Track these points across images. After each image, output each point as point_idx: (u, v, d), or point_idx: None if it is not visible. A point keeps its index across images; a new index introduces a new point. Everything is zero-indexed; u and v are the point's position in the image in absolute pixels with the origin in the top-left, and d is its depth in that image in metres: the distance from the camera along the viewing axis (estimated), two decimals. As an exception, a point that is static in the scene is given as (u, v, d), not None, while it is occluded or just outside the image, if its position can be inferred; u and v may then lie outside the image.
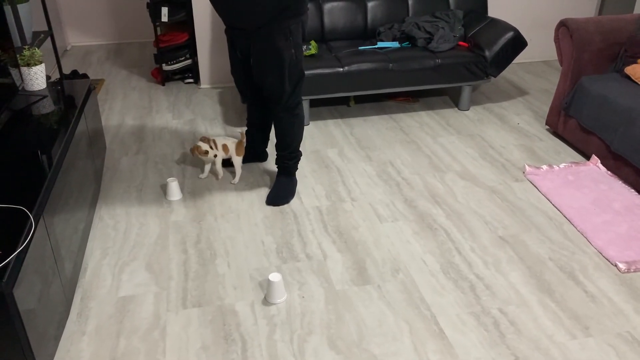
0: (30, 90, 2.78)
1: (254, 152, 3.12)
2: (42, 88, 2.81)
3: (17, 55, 2.72)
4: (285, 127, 2.72)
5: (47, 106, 2.64)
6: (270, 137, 3.17)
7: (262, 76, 2.60)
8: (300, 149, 3.32)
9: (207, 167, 2.98)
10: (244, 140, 2.98)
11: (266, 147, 3.16)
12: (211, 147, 2.85)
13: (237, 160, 2.94)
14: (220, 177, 2.98)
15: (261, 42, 2.49)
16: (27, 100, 2.68)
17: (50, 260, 1.89)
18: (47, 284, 1.84)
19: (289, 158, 2.81)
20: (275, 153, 2.84)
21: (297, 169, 2.89)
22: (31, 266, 1.70)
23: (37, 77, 2.75)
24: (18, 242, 1.68)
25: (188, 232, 2.57)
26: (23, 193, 1.92)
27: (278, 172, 2.87)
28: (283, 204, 2.78)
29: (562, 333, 2.01)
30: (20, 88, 2.79)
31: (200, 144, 2.84)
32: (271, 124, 3.04)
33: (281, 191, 2.82)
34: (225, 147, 2.91)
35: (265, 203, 2.78)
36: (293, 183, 2.87)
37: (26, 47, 2.76)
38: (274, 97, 2.63)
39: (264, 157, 3.17)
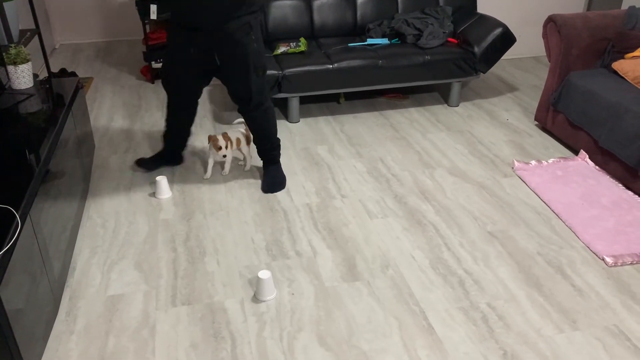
0: (17, 89, 2.76)
1: (169, 155, 3.05)
2: (29, 86, 2.79)
3: (3, 54, 2.70)
4: (260, 124, 2.77)
5: (34, 105, 2.62)
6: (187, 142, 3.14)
7: (231, 74, 2.62)
8: (291, 146, 3.32)
9: (210, 167, 2.98)
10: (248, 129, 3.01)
11: (183, 151, 3.10)
12: (227, 147, 2.85)
13: (247, 149, 3.00)
14: (226, 173, 3.03)
15: (226, 41, 2.51)
16: (14, 98, 2.66)
17: (38, 260, 1.88)
18: (35, 283, 1.83)
19: (272, 149, 2.87)
20: (257, 148, 2.89)
21: (281, 154, 2.98)
22: (18, 266, 1.69)
23: (23, 76, 2.73)
24: (4, 241, 1.67)
25: (177, 230, 2.57)
26: (9, 192, 1.90)
27: (265, 164, 2.92)
28: (280, 189, 2.85)
29: (550, 327, 2.02)
30: (6, 87, 2.77)
31: (220, 138, 2.85)
32: (190, 130, 3.03)
33: (276, 178, 2.88)
34: (238, 141, 2.95)
35: (262, 191, 2.84)
36: (281, 169, 2.95)
37: (12, 45, 2.74)
38: (245, 96, 2.66)
39: (178, 160, 3.10)
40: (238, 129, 3.02)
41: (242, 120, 3.01)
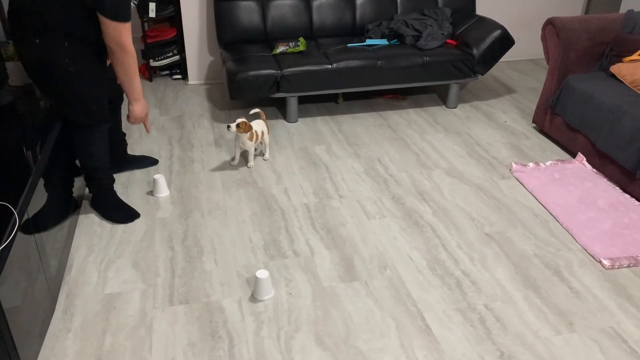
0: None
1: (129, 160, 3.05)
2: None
3: (2, 50, 2.69)
4: None
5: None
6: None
7: None
8: (289, 145, 3.33)
9: (238, 152, 3.09)
10: (264, 116, 3.18)
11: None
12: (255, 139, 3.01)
13: (267, 138, 3.13)
14: (236, 162, 3.12)
15: None
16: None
17: (35, 257, 1.87)
18: (32, 281, 1.82)
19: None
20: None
21: None
22: (15, 263, 1.69)
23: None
24: (1, 239, 1.66)
25: (175, 228, 2.56)
26: (7, 189, 1.89)
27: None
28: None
29: (547, 329, 2.03)
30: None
31: (254, 125, 2.99)
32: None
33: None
34: (262, 134, 3.08)
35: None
36: None
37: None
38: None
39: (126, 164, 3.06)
40: (256, 120, 3.07)
41: (258, 110, 3.16)
